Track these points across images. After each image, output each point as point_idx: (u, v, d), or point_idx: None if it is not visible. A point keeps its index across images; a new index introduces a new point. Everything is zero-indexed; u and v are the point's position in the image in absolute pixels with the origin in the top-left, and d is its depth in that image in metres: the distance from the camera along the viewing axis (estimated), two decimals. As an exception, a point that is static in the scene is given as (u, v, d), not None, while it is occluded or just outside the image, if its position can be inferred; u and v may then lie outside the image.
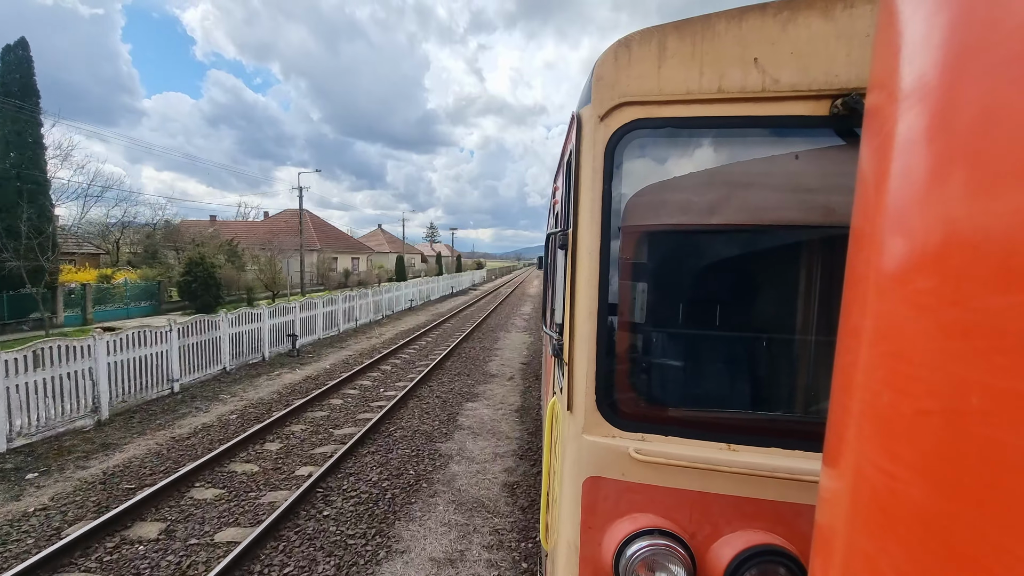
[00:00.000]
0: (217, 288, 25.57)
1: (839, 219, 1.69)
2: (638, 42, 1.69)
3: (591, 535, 1.77)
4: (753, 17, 1.60)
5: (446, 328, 19.58)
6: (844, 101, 1.55)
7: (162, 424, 8.20)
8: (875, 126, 0.67)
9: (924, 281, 0.55)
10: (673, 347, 2.08)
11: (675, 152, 1.82)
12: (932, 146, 0.55)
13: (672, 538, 1.65)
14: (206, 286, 25.06)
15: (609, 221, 1.77)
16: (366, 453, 7.02)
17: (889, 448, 0.58)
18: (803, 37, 1.58)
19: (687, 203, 1.88)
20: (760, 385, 2.08)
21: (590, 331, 1.79)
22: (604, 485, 1.76)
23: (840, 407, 0.69)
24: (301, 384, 10.96)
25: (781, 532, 1.63)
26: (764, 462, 1.64)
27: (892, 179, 0.61)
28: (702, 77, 1.65)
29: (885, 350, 0.60)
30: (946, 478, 0.51)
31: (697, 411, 1.90)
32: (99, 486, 5.96)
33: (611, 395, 1.81)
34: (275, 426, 8.02)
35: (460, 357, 13.95)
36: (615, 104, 1.72)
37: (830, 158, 1.69)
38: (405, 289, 26.95)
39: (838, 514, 0.68)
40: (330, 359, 13.72)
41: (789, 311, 1.98)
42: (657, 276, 2.02)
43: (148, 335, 9.34)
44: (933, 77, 0.55)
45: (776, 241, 1.99)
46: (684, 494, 1.69)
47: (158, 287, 25.91)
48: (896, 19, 0.62)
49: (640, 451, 1.71)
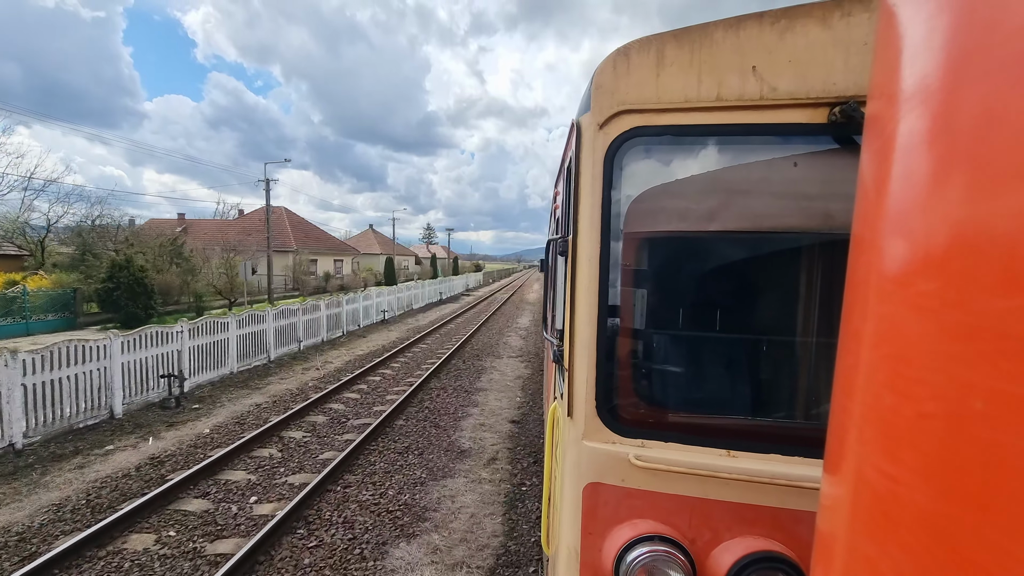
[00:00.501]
0: (148, 297, 21.29)
1: (837, 225, 1.72)
2: (637, 50, 1.71)
3: (591, 541, 1.78)
4: (751, 25, 1.62)
5: (417, 352, 14.97)
6: (842, 109, 1.57)
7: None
8: (876, 130, 0.67)
9: (926, 284, 0.55)
10: (672, 353, 2.08)
11: (674, 160, 1.84)
12: (933, 150, 0.55)
13: (672, 544, 1.66)
14: (133, 294, 20.89)
15: (609, 228, 1.79)
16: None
17: (891, 451, 0.57)
18: (800, 45, 1.59)
19: (686, 210, 1.91)
20: (760, 391, 2.08)
21: (590, 337, 1.81)
22: (604, 491, 1.77)
23: (841, 411, 0.69)
24: (120, 482, 6.06)
25: (781, 538, 1.64)
26: (764, 468, 1.65)
27: (893, 183, 0.61)
28: (700, 85, 1.67)
29: (887, 353, 0.60)
30: (949, 481, 0.51)
31: (697, 417, 1.93)
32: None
33: (611, 401, 1.82)
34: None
35: (421, 409, 9.29)
36: (614, 112, 1.74)
37: (828, 165, 1.71)
38: (378, 298, 22.09)
39: (840, 518, 0.67)
40: (225, 412, 9.06)
41: (788, 317, 2.00)
42: (657, 283, 2.05)
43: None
44: (934, 80, 0.55)
45: (774, 247, 2.01)
46: (684, 500, 1.70)
47: (73, 296, 21.21)
48: (896, 23, 0.62)
49: (640, 457, 1.72)
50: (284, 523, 5.06)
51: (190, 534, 5.01)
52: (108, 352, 8.20)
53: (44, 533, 5.02)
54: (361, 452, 7.03)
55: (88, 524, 5.11)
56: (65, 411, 7.54)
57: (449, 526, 5.18)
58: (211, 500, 5.64)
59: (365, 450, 7.14)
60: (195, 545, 4.83)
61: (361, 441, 7.16)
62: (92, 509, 5.48)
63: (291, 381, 11.45)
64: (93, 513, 5.39)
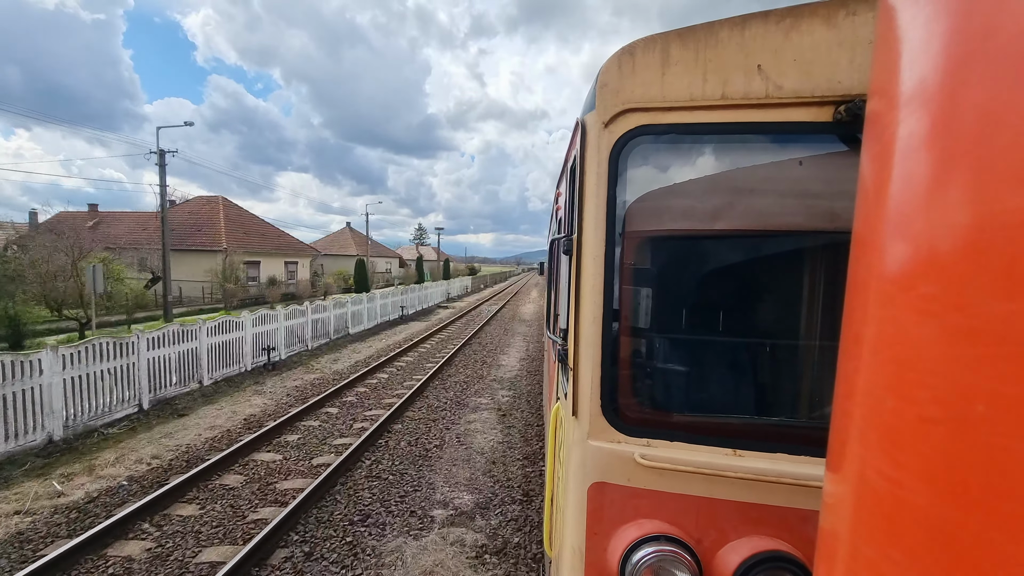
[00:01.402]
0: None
1: (842, 225, 1.71)
2: (642, 49, 1.71)
3: (597, 541, 1.77)
4: (756, 24, 1.62)
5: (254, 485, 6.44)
6: (847, 107, 1.56)
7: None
8: (876, 132, 0.66)
9: (927, 287, 0.55)
10: (677, 352, 2.07)
11: (679, 158, 1.83)
12: (933, 151, 0.55)
13: (678, 544, 1.65)
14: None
15: (614, 227, 1.78)
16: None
17: (893, 454, 0.58)
18: (806, 44, 1.59)
19: (691, 209, 1.90)
20: (765, 390, 2.06)
21: (595, 336, 1.80)
22: (609, 491, 1.76)
23: (843, 413, 0.69)
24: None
25: (787, 538, 1.63)
26: (770, 467, 1.65)
27: (893, 184, 0.61)
28: (705, 84, 1.67)
29: (888, 356, 0.60)
30: (951, 484, 0.51)
31: (702, 416, 1.92)
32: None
33: (616, 400, 1.81)
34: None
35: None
36: (619, 110, 1.74)
37: (833, 164, 1.70)
38: (255, 328, 12.36)
39: (842, 520, 0.67)
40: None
41: (793, 316, 1.99)
42: (661, 281, 2.04)
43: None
44: (934, 82, 0.55)
45: (780, 247, 2.00)
46: (690, 500, 1.69)
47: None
48: (895, 25, 0.63)
49: (645, 456, 1.71)
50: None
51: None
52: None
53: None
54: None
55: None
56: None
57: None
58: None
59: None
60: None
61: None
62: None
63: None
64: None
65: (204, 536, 5.18)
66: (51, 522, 5.42)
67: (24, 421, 6.99)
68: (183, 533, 5.21)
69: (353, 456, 6.95)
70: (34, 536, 5.18)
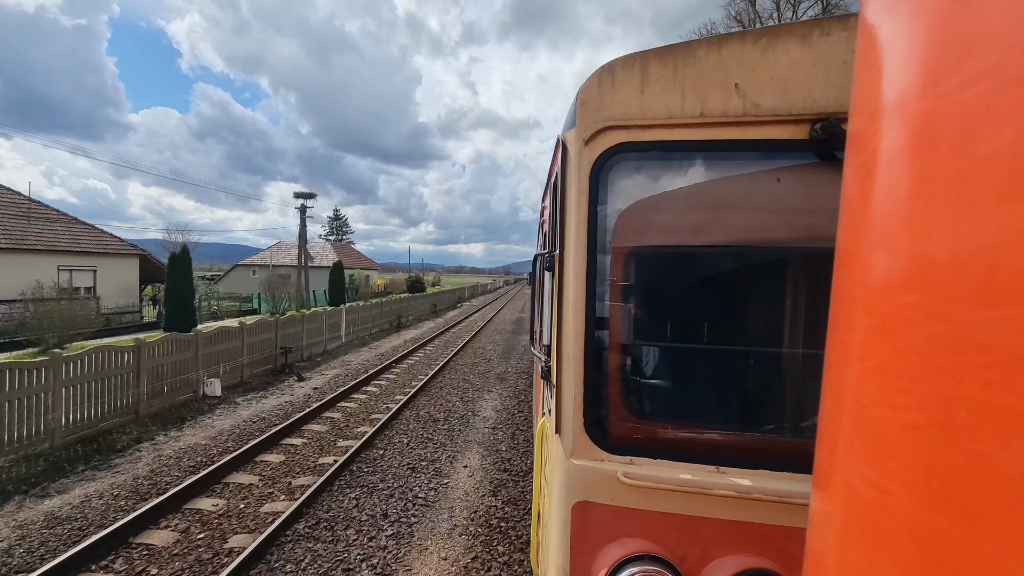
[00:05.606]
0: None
1: (820, 238, 1.72)
2: (621, 67, 1.72)
3: (581, 560, 1.75)
4: (733, 44, 1.64)
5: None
6: (823, 125, 1.59)
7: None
8: (858, 146, 0.67)
9: (910, 296, 0.55)
10: (660, 368, 2.07)
11: (659, 175, 1.84)
12: (914, 164, 0.56)
13: (662, 563, 1.65)
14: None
15: (595, 243, 1.78)
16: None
17: (880, 463, 0.58)
18: (782, 63, 1.61)
19: (672, 224, 1.91)
20: (748, 405, 2.06)
21: (577, 353, 1.79)
22: (593, 510, 1.74)
23: (830, 423, 0.69)
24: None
25: (771, 555, 1.63)
26: (753, 484, 1.65)
27: (876, 197, 0.62)
28: (684, 101, 1.68)
29: (872, 365, 0.61)
30: (936, 491, 0.51)
31: (685, 434, 1.91)
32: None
33: (599, 418, 1.80)
34: None
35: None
36: (599, 128, 1.75)
37: (810, 180, 1.73)
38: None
39: (829, 529, 0.67)
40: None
41: (776, 330, 1.99)
42: (643, 297, 2.03)
43: None
44: (914, 96, 0.56)
45: (759, 260, 2.01)
46: (674, 518, 1.69)
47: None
48: (876, 42, 0.64)
49: (628, 475, 1.71)
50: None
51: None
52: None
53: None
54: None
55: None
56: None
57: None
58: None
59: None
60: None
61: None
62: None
63: None
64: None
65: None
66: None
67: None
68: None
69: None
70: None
